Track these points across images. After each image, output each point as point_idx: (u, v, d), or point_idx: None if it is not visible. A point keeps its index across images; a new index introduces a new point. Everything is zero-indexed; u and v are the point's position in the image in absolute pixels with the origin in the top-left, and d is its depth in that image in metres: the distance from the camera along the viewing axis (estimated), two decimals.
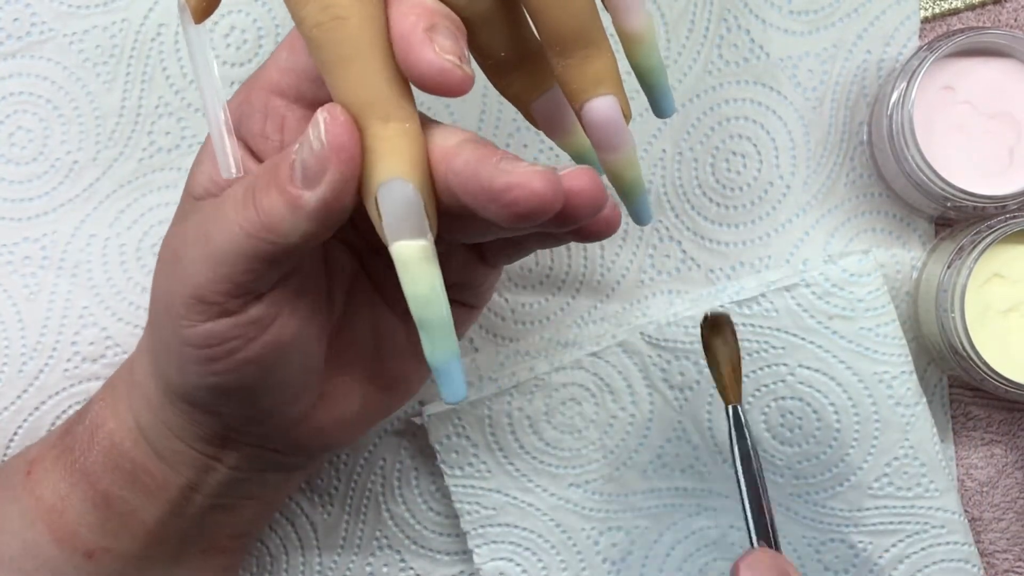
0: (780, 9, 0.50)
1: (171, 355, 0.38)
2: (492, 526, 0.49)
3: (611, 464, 0.49)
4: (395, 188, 0.32)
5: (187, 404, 0.39)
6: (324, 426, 0.41)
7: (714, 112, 0.50)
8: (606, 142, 0.35)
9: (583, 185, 0.33)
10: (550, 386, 0.49)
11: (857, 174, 0.50)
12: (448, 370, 0.33)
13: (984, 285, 0.47)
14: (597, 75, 0.34)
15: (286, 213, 0.33)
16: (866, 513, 0.48)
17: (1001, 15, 0.50)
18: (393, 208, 0.32)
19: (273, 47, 0.49)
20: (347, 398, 0.41)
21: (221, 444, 0.41)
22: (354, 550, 0.50)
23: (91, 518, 0.41)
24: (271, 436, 0.41)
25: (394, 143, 0.33)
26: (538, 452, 0.49)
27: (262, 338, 0.36)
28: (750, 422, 0.49)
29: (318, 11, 0.32)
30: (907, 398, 0.48)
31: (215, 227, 0.35)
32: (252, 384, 0.38)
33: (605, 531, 0.49)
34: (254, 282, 0.35)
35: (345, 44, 0.32)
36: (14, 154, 0.49)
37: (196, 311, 0.36)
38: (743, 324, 0.48)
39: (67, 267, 0.49)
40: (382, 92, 0.33)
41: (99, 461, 0.41)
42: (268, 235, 0.34)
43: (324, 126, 0.32)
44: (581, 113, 0.35)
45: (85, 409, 0.43)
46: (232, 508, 0.43)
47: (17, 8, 0.49)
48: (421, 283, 0.33)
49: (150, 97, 0.49)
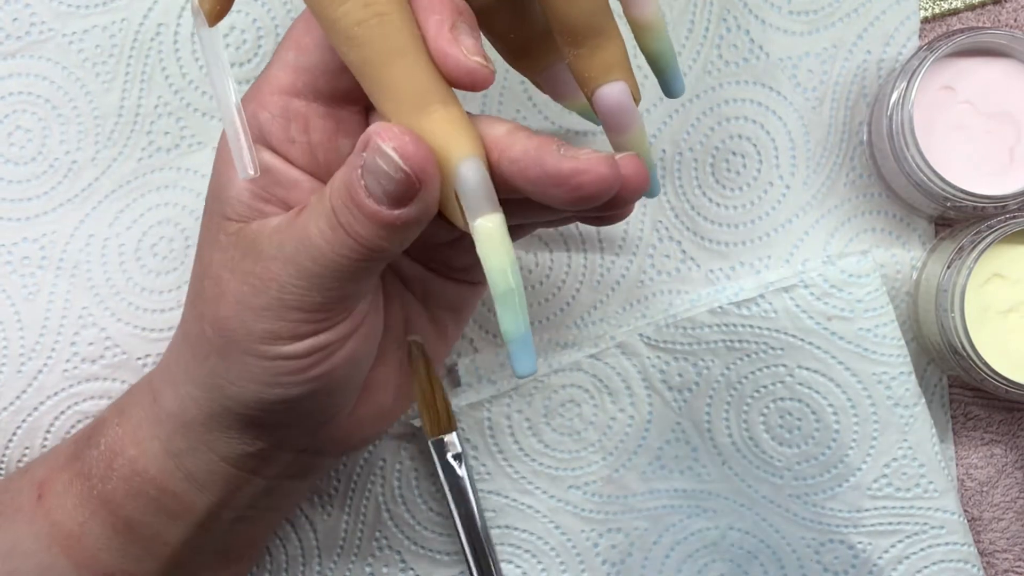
0: (780, 9, 0.50)
1: (251, 377, 0.38)
2: (491, 528, 0.49)
3: (610, 466, 0.49)
4: (473, 166, 0.33)
5: (245, 424, 0.39)
6: (364, 417, 0.42)
7: (714, 112, 0.50)
8: (617, 125, 0.36)
9: (635, 171, 0.34)
10: (549, 388, 0.49)
11: (857, 174, 0.50)
12: (524, 343, 0.34)
13: (984, 285, 0.47)
14: (608, 63, 0.35)
15: (386, 232, 0.34)
16: (865, 514, 0.48)
17: (1001, 15, 0.50)
18: (474, 186, 0.33)
19: (273, 46, 0.49)
20: (384, 389, 0.42)
21: (265, 457, 0.41)
22: (354, 551, 0.50)
23: (113, 543, 0.41)
24: (321, 437, 0.41)
25: (462, 124, 0.34)
26: (537, 454, 0.49)
27: (357, 333, 0.38)
28: (749, 422, 0.49)
29: (359, 8, 0.33)
30: (906, 399, 0.48)
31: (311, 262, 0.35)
32: (340, 382, 0.39)
33: (604, 533, 0.49)
34: (361, 291, 0.37)
35: (391, 38, 0.33)
36: (13, 154, 0.49)
37: (303, 330, 0.36)
38: (742, 325, 0.48)
39: (66, 267, 0.49)
40: (434, 80, 0.34)
41: (120, 488, 0.41)
42: (373, 255, 0.35)
43: (398, 154, 0.33)
44: (593, 99, 0.36)
45: (96, 432, 0.42)
46: (255, 520, 0.43)
47: (16, 8, 0.49)
48: (503, 257, 0.33)
49: (149, 97, 0.49)
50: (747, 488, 0.49)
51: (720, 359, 0.48)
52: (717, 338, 0.48)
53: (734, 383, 0.49)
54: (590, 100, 0.36)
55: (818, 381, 0.48)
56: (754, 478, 0.49)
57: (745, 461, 0.49)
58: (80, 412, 0.48)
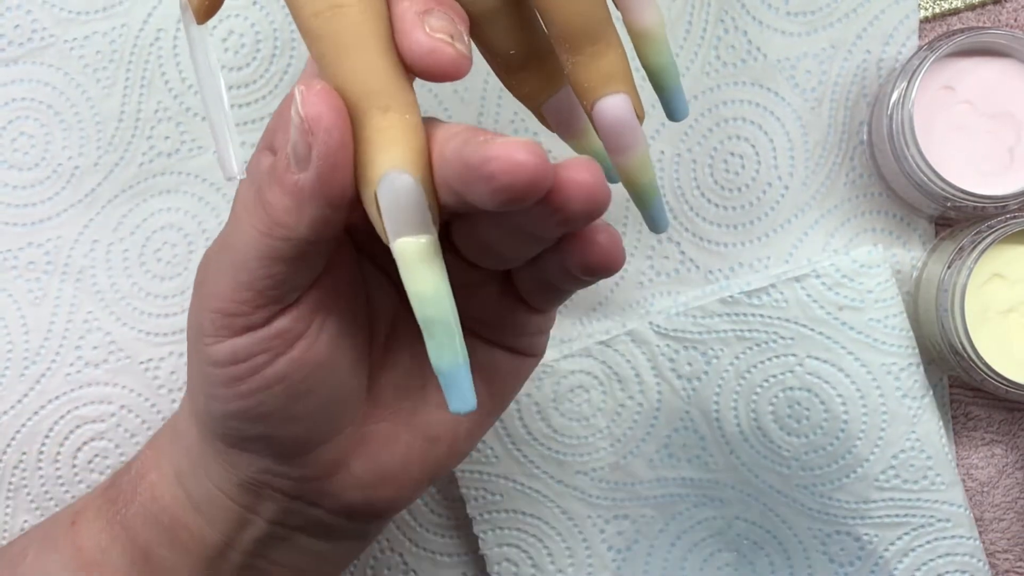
0: (777, 11, 0.49)
1: (200, 382, 0.36)
2: (498, 512, 0.49)
3: (618, 453, 0.49)
4: (395, 180, 0.30)
5: (221, 443, 0.38)
6: (363, 478, 0.38)
7: (712, 113, 0.50)
8: (618, 142, 0.34)
9: (581, 177, 0.30)
10: (558, 373, 0.49)
11: (857, 174, 0.50)
12: (455, 377, 0.31)
13: (984, 285, 0.47)
14: (608, 72, 0.33)
15: (289, 203, 0.32)
16: (872, 505, 0.48)
17: (1001, 15, 0.50)
18: (393, 202, 0.31)
19: (271, 51, 0.49)
20: (388, 447, 0.38)
21: (257, 493, 0.39)
22: None
23: (131, 573, 0.40)
24: (308, 483, 0.38)
25: (393, 133, 0.31)
26: (545, 439, 0.49)
27: (289, 354, 0.35)
28: (758, 412, 0.49)
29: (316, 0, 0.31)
30: (914, 390, 0.48)
31: (234, 236, 0.34)
32: (280, 408, 0.36)
33: (611, 519, 0.49)
34: (274, 288, 0.34)
35: (344, 33, 0.31)
36: (16, 159, 0.49)
37: (220, 325, 0.34)
38: (752, 315, 0.48)
39: (71, 272, 0.49)
40: (381, 82, 0.31)
41: (139, 514, 0.40)
42: (279, 230, 0.32)
43: (300, 99, 0.31)
44: (592, 112, 0.34)
45: (133, 459, 0.42)
46: (266, 573, 0.41)
47: (18, 15, 0.49)
48: (424, 282, 0.31)
49: (149, 102, 0.49)
50: (754, 478, 0.49)
51: (729, 348, 0.48)
52: (727, 327, 0.48)
53: (743, 372, 0.49)
54: (590, 116, 0.34)
55: (827, 371, 0.48)
56: (761, 468, 0.49)
57: (753, 451, 0.49)
58: (80, 417, 0.49)
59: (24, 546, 0.43)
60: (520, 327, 0.38)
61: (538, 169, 0.29)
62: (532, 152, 0.29)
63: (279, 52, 0.49)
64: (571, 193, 0.30)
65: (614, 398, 0.49)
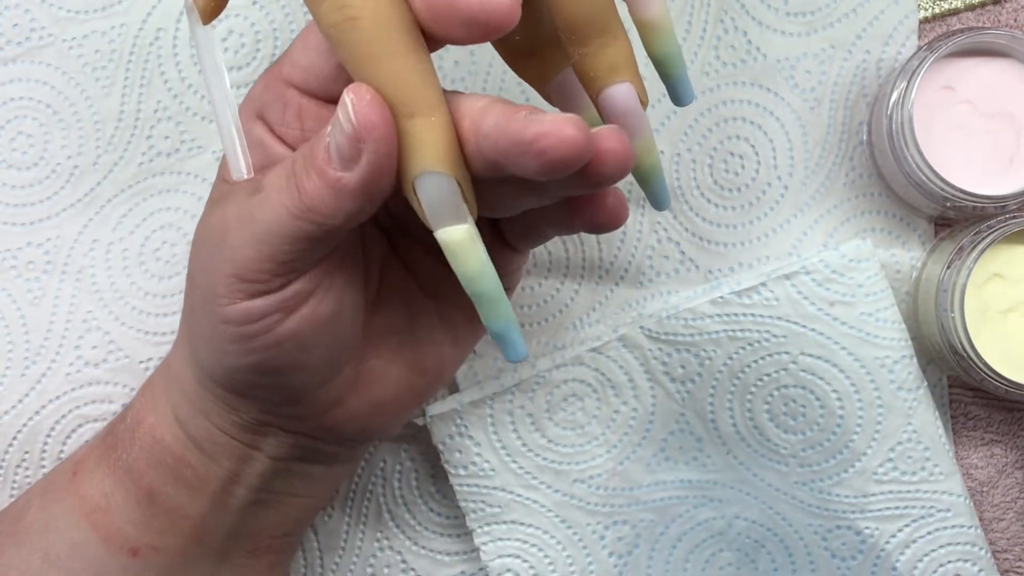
0: (777, 11, 0.49)
1: (208, 337, 0.38)
2: (498, 523, 0.49)
3: (615, 459, 0.49)
4: (430, 181, 0.33)
5: (223, 389, 0.40)
6: (359, 412, 0.41)
7: (711, 113, 0.50)
8: (624, 128, 0.35)
9: (614, 145, 0.33)
10: (551, 383, 0.49)
11: (856, 174, 0.50)
12: (507, 335, 0.35)
13: (984, 285, 0.47)
14: (613, 63, 0.35)
15: (328, 195, 0.34)
16: (872, 499, 0.48)
17: (1001, 15, 0.50)
18: (431, 199, 0.33)
19: (271, 51, 0.49)
20: (381, 382, 0.41)
21: (258, 431, 0.41)
22: (355, 552, 0.50)
23: (136, 515, 0.41)
24: (307, 420, 0.41)
25: (422, 137, 0.33)
26: (541, 449, 0.49)
27: (300, 311, 0.37)
28: (753, 411, 0.49)
29: (333, 11, 0.33)
30: (909, 382, 0.48)
31: (259, 209, 0.35)
32: (289, 361, 0.38)
33: (611, 525, 0.49)
34: (296, 261, 0.36)
35: (361, 44, 0.33)
36: (15, 159, 0.49)
37: (237, 289, 0.36)
38: (743, 314, 0.48)
39: (71, 272, 0.49)
40: (403, 88, 0.33)
41: (141, 457, 0.42)
42: (313, 216, 0.34)
43: (352, 107, 0.33)
44: (598, 101, 0.35)
45: (127, 408, 0.43)
46: (275, 504, 0.43)
47: (16, 14, 0.49)
48: (469, 263, 0.34)
49: (148, 101, 0.49)
50: (753, 477, 0.49)
51: (722, 349, 0.48)
52: (719, 328, 0.48)
53: (737, 372, 0.49)
54: (596, 103, 0.36)
55: (821, 367, 0.48)
56: (759, 466, 0.49)
57: (750, 450, 0.49)
58: (81, 416, 0.49)
59: (26, 501, 0.44)
60: (503, 267, 0.41)
61: (586, 143, 0.32)
62: (579, 128, 0.32)
63: (279, 52, 0.49)
64: (607, 161, 0.33)
65: (608, 404, 0.49)
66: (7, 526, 0.43)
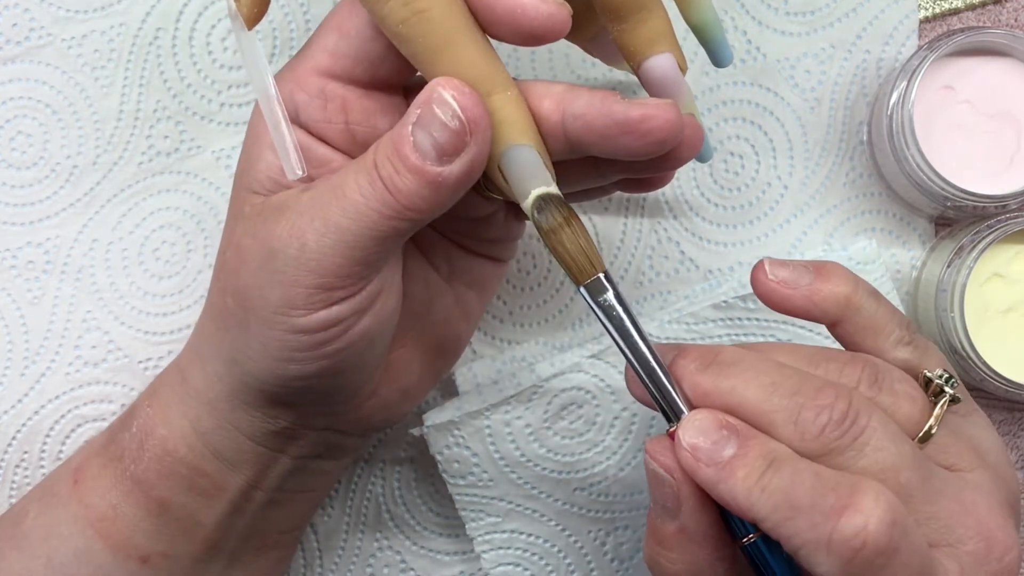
0: (777, 11, 0.49)
1: (269, 350, 0.38)
2: (498, 532, 0.49)
3: (616, 465, 0.49)
4: (517, 153, 0.35)
5: (267, 400, 0.40)
6: (390, 400, 0.42)
7: (711, 113, 0.50)
8: (665, 95, 0.37)
9: (693, 129, 0.36)
10: (549, 393, 0.48)
11: (857, 174, 0.50)
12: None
13: (984, 285, 0.47)
14: (652, 36, 0.37)
15: (427, 192, 0.35)
16: None
17: (1001, 15, 0.50)
18: (519, 171, 0.35)
19: (271, 51, 0.49)
20: (408, 367, 0.42)
21: (290, 435, 0.41)
22: (355, 552, 0.50)
23: (146, 524, 0.41)
24: (343, 416, 0.41)
25: (503, 114, 0.35)
26: (541, 459, 0.48)
27: (372, 310, 0.38)
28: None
29: (400, 7, 0.34)
30: None
31: (344, 216, 0.36)
32: (356, 361, 0.39)
33: (612, 531, 0.49)
34: (382, 259, 0.37)
35: (433, 34, 0.34)
36: (15, 159, 0.49)
37: (318, 299, 0.36)
38: (747, 319, 0.48)
39: (70, 271, 0.49)
40: (478, 69, 0.35)
41: (152, 468, 0.41)
42: (409, 214, 0.35)
43: (456, 103, 0.34)
44: (639, 72, 0.37)
45: (130, 416, 0.43)
46: (286, 502, 0.43)
47: (16, 13, 0.49)
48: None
49: (148, 101, 0.49)
50: None
51: None
52: (722, 332, 0.48)
53: None
54: (637, 73, 0.37)
55: None
56: None
57: None
58: (80, 416, 0.49)
59: (23, 507, 0.43)
60: (510, 237, 0.44)
61: (682, 125, 0.35)
62: (677, 111, 0.35)
63: (279, 52, 0.49)
64: (687, 139, 0.36)
65: (608, 410, 0.49)
66: (6, 531, 0.43)
